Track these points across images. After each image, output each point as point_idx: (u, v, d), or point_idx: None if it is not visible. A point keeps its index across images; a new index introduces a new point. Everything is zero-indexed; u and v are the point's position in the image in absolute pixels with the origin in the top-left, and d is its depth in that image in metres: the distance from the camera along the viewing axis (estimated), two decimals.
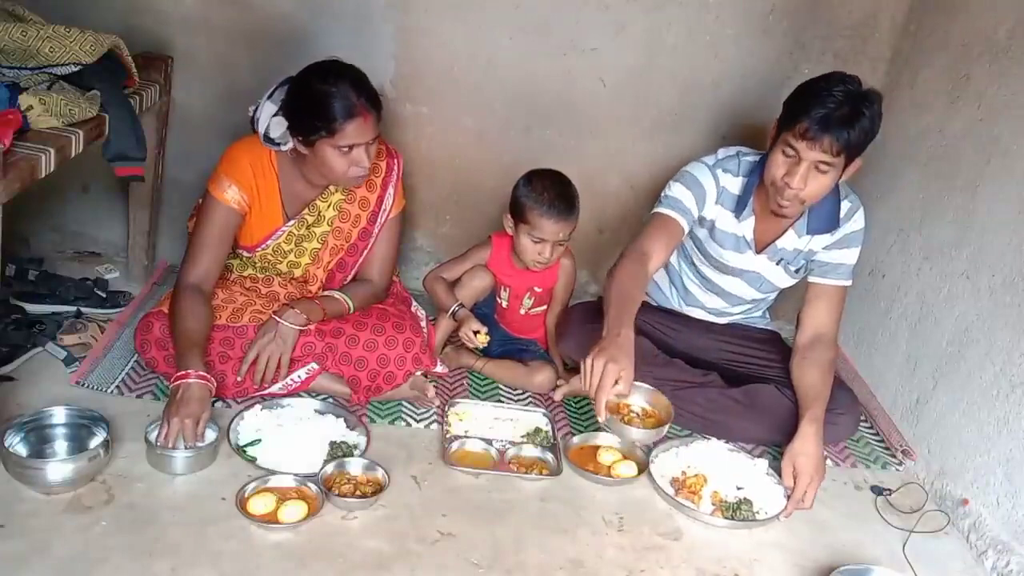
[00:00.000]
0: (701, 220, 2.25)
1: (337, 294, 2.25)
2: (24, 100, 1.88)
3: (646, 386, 1.96)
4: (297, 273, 2.31)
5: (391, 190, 2.29)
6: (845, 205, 2.20)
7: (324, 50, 2.51)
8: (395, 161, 2.30)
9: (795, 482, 2.01)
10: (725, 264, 2.29)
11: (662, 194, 2.24)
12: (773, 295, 2.44)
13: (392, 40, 2.61)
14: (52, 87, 2.01)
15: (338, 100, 1.97)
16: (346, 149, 2.01)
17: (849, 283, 2.27)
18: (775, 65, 2.69)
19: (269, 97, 2.09)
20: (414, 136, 2.72)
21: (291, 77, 2.08)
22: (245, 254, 2.27)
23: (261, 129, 2.10)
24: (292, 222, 2.23)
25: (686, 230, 2.21)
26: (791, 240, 2.23)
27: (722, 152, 2.24)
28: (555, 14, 2.60)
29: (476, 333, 2.32)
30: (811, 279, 2.28)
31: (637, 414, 1.87)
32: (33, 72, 1.99)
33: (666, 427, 1.87)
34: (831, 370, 2.21)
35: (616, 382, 1.78)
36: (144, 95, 2.34)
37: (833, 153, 1.94)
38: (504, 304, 2.51)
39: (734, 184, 2.22)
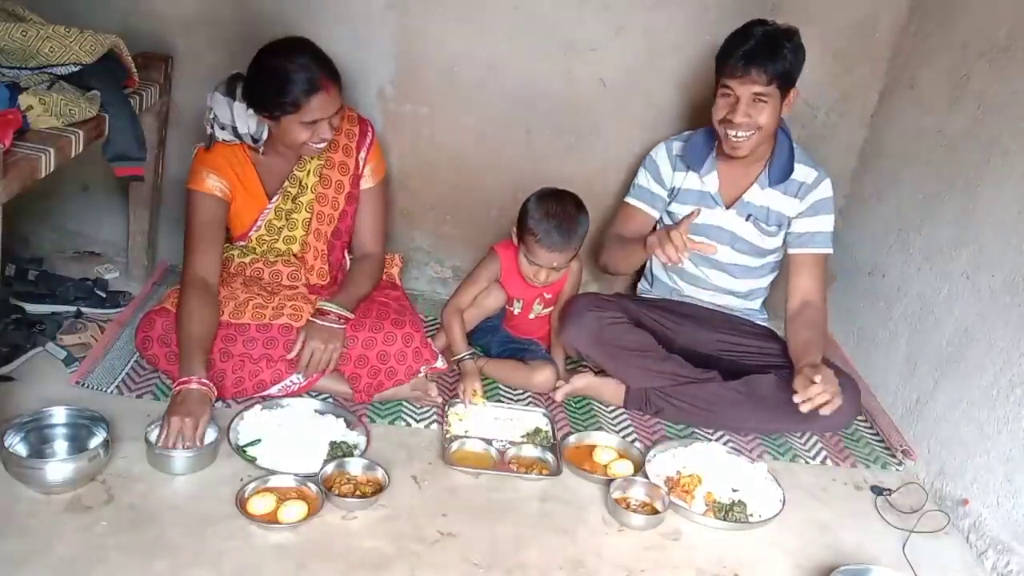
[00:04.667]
0: (671, 191, 2.46)
1: (352, 282, 2.31)
2: (24, 100, 1.88)
3: (642, 479, 2.05)
4: (295, 249, 2.32)
5: (364, 153, 2.31)
6: (810, 172, 2.34)
7: (324, 50, 2.51)
8: (368, 127, 2.33)
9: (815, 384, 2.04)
10: (695, 223, 2.29)
11: (633, 180, 2.52)
12: (763, 273, 2.48)
13: (392, 40, 2.61)
14: (52, 87, 2.01)
15: (300, 76, 1.99)
16: (311, 123, 2.05)
17: (829, 251, 2.40)
18: None
19: (235, 98, 2.10)
20: (414, 136, 2.72)
21: (238, 73, 2.12)
22: (241, 243, 2.30)
23: (245, 129, 2.12)
24: (276, 198, 2.25)
25: (656, 216, 2.48)
26: (756, 194, 2.36)
27: (695, 131, 2.43)
28: (555, 14, 2.60)
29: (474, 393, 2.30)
30: (791, 251, 2.40)
31: (637, 505, 1.99)
32: (33, 72, 1.99)
33: (664, 514, 1.97)
34: (823, 328, 2.37)
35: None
36: (144, 95, 2.34)
37: (764, 83, 2.14)
38: (516, 312, 2.51)
39: (678, 146, 2.43)
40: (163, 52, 2.55)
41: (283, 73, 1.99)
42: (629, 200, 2.50)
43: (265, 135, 2.14)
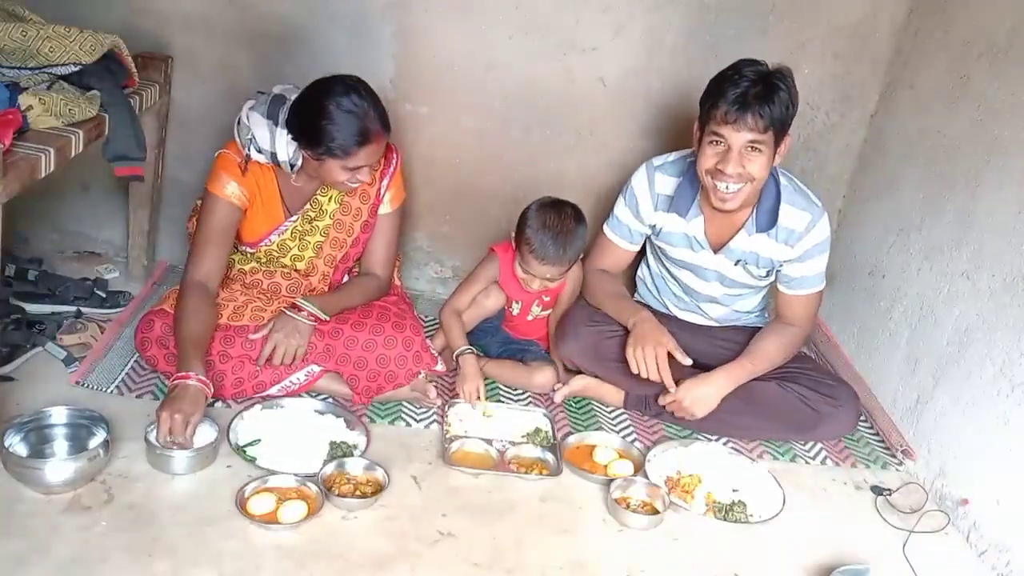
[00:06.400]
0: (651, 227, 2.34)
1: (345, 290, 2.29)
2: (24, 100, 1.88)
3: (642, 479, 2.05)
4: (300, 266, 2.31)
5: (386, 181, 2.29)
6: (802, 216, 2.18)
7: (324, 50, 2.52)
8: (394, 155, 2.30)
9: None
10: (683, 261, 2.33)
11: (612, 208, 2.38)
12: (754, 295, 2.45)
13: (392, 40, 2.61)
14: (52, 87, 2.01)
15: (354, 126, 1.97)
16: (353, 168, 2.03)
17: (821, 287, 2.31)
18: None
19: (277, 124, 2.06)
20: (414, 136, 2.72)
21: (279, 95, 2.08)
22: (249, 250, 2.28)
23: (284, 158, 2.08)
24: (295, 217, 2.24)
25: (634, 250, 2.41)
26: (744, 241, 2.24)
27: (684, 152, 2.28)
28: (555, 14, 2.60)
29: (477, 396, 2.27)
30: (780, 287, 2.32)
31: (637, 505, 1.99)
32: (33, 72, 1.99)
33: (664, 514, 1.96)
34: (788, 347, 2.30)
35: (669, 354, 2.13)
36: (144, 95, 2.34)
37: (760, 130, 1.97)
38: (515, 313, 2.51)
39: (668, 185, 2.26)
40: (163, 52, 2.55)
41: (338, 119, 1.96)
42: (607, 233, 2.40)
43: (300, 162, 2.12)
